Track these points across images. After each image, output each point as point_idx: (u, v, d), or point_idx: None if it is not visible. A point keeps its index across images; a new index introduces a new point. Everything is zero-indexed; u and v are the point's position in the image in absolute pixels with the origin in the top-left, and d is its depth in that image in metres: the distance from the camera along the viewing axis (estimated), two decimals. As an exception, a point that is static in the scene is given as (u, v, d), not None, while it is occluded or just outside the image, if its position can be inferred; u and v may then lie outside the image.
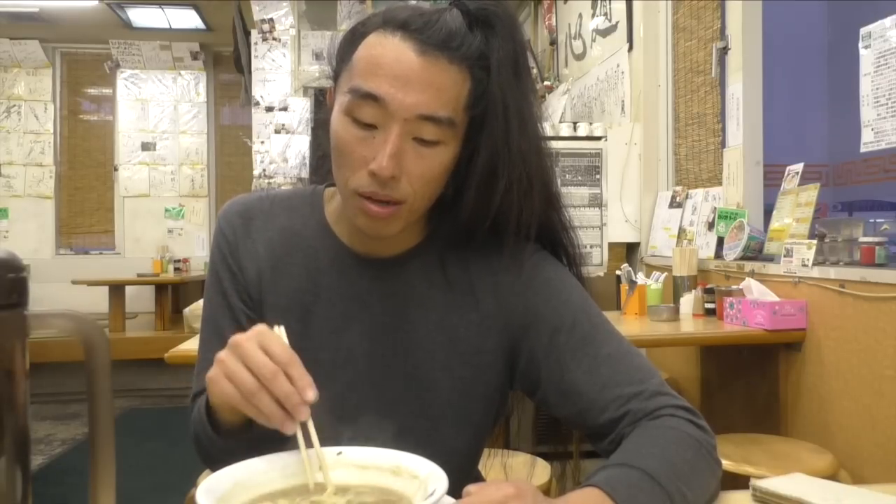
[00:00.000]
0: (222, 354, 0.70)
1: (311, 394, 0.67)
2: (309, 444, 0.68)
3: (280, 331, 0.72)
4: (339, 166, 0.82)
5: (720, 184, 2.84)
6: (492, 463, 1.06)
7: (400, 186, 0.79)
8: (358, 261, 0.90)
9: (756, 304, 2.21)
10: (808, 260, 2.13)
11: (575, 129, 3.29)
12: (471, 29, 0.81)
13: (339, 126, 0.80)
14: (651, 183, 3.37)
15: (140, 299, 6.28)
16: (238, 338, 0.70)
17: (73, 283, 5.71)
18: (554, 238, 0.93)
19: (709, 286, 2.59)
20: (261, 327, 0.71)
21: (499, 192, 0.83)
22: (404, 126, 0.77)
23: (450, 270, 0.90)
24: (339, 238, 0.91)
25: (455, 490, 0.64)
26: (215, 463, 0.85)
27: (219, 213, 0.95)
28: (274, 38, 5.20)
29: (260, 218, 0.92)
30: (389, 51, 0.78)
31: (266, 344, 0.68)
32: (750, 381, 2.52)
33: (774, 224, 2.45)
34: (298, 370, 0.68)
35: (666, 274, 2.76)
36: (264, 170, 5.15)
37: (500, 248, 0.89)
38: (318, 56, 5.25)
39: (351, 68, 0.81)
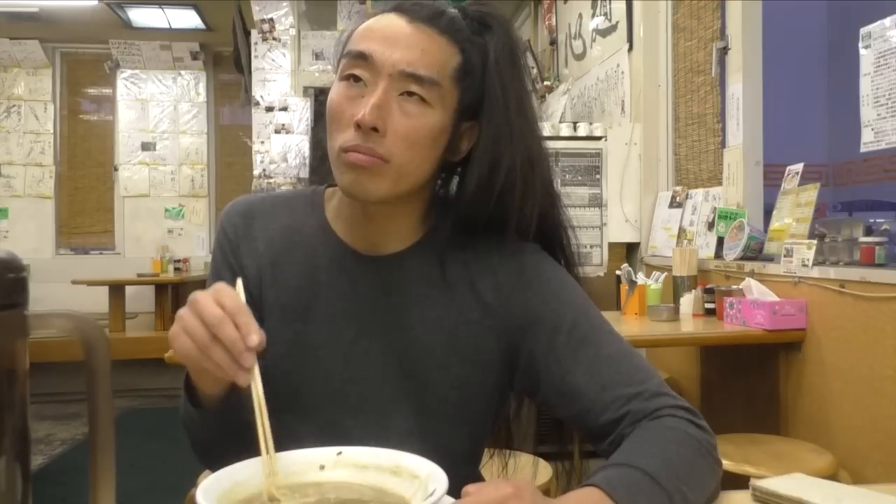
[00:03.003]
0: (182, 310, 0.72)
1: (255, 338, 0.68)
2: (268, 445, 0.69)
3: (238, 285, 0.74)
4: (330, 133, 0.84)
5: (720, 184, 2.84)
6: (492, 463, 1.06)
7: (384, 142, 0.81)
8: (357, 259, 0.90)
9: (756, 304, 2.21)
10: (808, 260, 2.13)
11: (575, 129, 3.29)
12: (465, 20, 0.86)
13: (333, 92, 0.85)
14: (651, 183, 3.37)
15: (140, 299, 6.27)
16: (196, 293, 0.72)
17: (73, 283, 5.71)
18: (552, 236, 0.93)
19: (709, 286, 2.59)
20: (219, 284, 0.73)
21: (502, 173, 0.84)
22: (390, 81, 0.81)
23: (449, 269, 0.90)
24: (339, 236, 0.91)
25: (455, 490, 0.64)
26: (203, 449, 0.86)
27: (221, 213, 0.97)
28: (274, 38, 5.20)
29: (261, 218, 0.94)
30: (382, 20, 0.84)
31: (220, 297, 0.70)
32: (750, 381, 2.52)
33: (774, 224, 2.45)
34: (245, 318, 0.69)
35: (666, 274, 2.76)
36: (264, 170, 5.15)
37: (501, 246, 0.89)
38: (318, 56, 5.25)
39: (349, 42, 0.86)
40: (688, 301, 2.60)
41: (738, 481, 1.66)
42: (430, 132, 0.83)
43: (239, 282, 0.75)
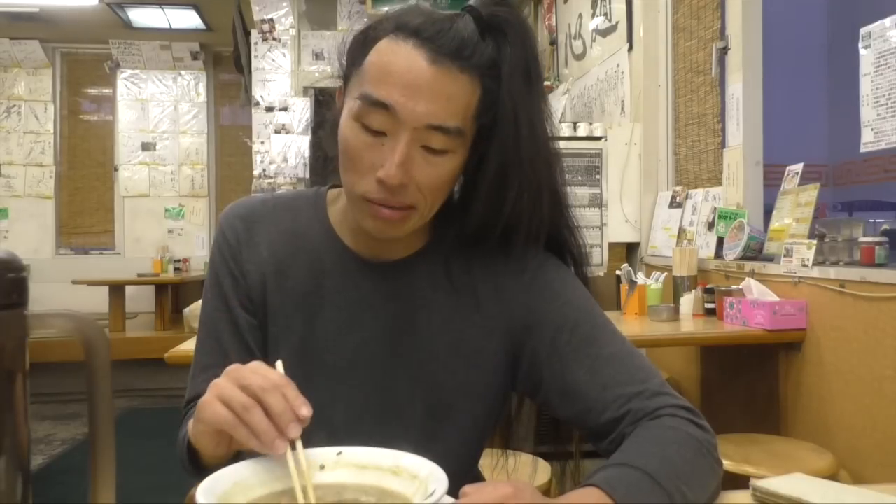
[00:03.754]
0: (218, 380, 0.69)
1: (306, 411, 0.66)
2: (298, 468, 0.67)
3: (278, 365, 0.72)
4: (346, 170, 0.82)
5: (720, 184, 2.84)
6: (492, 463, 1.06)
7: (409, 192, 0.79)
8: (362, 264, 0.90)
9: (756, 304, 2.21)
10: (808, 260, 2.13)
11: (575, 129, 3.29)
12: (482, 36, 0.81)
13: (348, 131, 0.80)
14: (651, 183, 3.37)
15: (140, 299, 6.28)
16: (235, 365, 0.70)
17: (73, 283, 5.71)
18: (559, 239, 0.93)
19: (709, 286, 2.59)
20: (255, 363, 0.70)
21: (510, 201, 0.83)
22: (413, 134, 0.77)
23: (454, 273, 0.90)
24: (343, 241, 0.91)
25: (455, 490, 0.64)
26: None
27: (220, 216, 0.95)
28: (274, 38, 5.20)
29: (263, 221, 0.92)
30: (401, 58, 0.77)
31: (262, 370, 0.68)
32: (750, 381, 2.52)
33: (774, 224, 2.45)
34: (293, 391, 0.67)
35: (666, 274, 2.76)
36: (264, 170, 5.15)
37: (504, 250, 0.89)
38: (318, 56, 5.25)
39: (362, 73, 0.80)
40: (688, 301, 2.60)
41: (738, 481, 1.66)
42: (452, 175, 0.82)
43: (279, 363, 0.72)
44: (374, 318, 0.88)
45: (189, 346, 1.89)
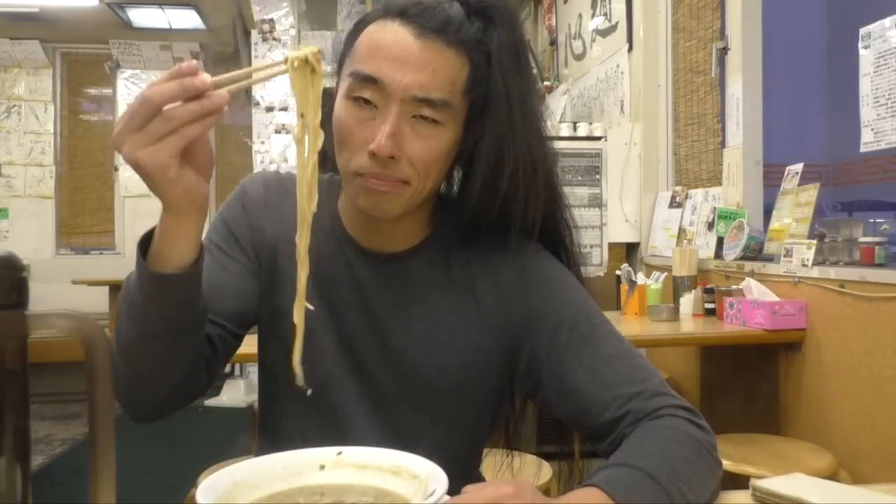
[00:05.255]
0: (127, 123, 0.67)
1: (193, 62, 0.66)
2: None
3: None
4: (340, 150, 0.83)
5: (720, 184, 2.84)
6: (494, 463, 1.06)
7: (400, 167, 0.80)
8: (362, 254, 0.91)
9: (756, 304, 2.21)
10: (807, 260, 2.13)
11: (575, 129, 3.29)
12: (469, 18, 0.83)
13: (340, 110, 0.82)
14: (651, 183, 3.37)
15: (140, 299, 6.26)
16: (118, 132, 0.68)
17: (73, 283, 5.71)
18: (555, 235, 0.93)
19: (709, 286, 2.59)
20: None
21: (506, 177, 0.83)
22: (402, 106, 0.79)
23: (453, 268, 0.90)
24: (347, 229, 0.92)
25: (455, 490, 0.64)
26: (133, 376, 0.77)
27: (243, 179, 0.97)
28: (274, 38, 5.20)
29: (281, 193, 0.93)
30: (388, 35, 0.80)
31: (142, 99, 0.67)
32: (750, 381, 2.52)
33: (774, 224, 2.45)
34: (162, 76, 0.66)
35: (666, 274, 2.76)
36: (264, 170, 5.15)
37: (503, 245, 0.90)
38: (318, 56, 5.24)
39: (352, 54, 0.83)
40: (688, 301, 2.60)
41: (738, 481, 1.66)
42: (444, 149, 0.83)
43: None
44: (370, 308, 0.89)
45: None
